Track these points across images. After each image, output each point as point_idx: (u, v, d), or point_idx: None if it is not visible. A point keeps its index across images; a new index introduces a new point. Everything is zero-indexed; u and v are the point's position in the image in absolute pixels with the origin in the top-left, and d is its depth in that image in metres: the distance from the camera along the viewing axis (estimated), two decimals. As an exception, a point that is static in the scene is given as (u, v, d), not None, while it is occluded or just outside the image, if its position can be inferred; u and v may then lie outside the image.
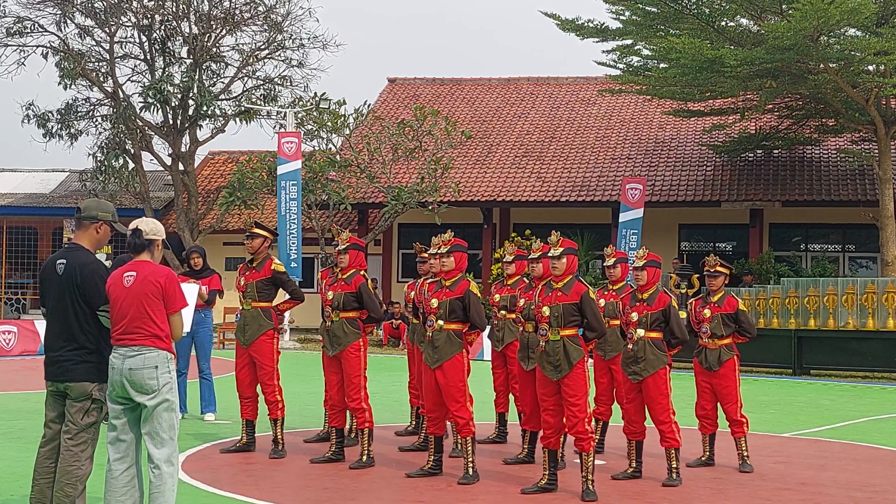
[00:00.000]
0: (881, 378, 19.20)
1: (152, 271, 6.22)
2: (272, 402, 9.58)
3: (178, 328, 6.30)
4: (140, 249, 6.29)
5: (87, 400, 6.26)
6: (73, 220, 6.54)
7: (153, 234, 6.34)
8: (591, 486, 7.94)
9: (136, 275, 6.18)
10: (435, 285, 8.71)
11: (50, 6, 28.43)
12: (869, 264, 27.80)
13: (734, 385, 9.42)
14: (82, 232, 6.47)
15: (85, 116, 29.55)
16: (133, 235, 6.28)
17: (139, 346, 6.12)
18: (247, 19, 29.51)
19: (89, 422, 6.26)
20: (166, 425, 6.17)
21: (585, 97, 32.38)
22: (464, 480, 8.39)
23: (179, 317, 6.29)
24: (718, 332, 9.40)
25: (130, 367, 6.10)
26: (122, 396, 6.17)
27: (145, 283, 6.15)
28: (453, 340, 8.48)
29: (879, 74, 22.70)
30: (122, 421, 6.21)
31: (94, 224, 6.43)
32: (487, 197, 27.90)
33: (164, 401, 6.15)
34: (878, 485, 8.88)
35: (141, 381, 6.10)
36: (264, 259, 9.69)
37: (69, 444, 6.21)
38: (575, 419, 7.95)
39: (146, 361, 6.11)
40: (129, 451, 6.21)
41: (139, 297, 6.13)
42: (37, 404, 12.98)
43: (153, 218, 6.82)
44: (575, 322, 8.03)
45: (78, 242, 6.46)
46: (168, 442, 6.17)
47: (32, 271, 32.47)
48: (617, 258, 9.57)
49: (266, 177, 26.68)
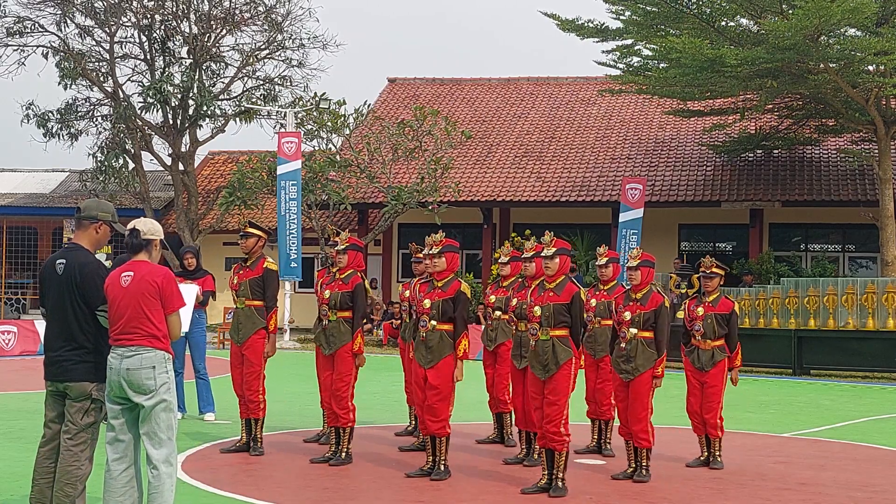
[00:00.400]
0: (881, 378, 19.19)
1: (149, 271, 6.20)
2: (254, 402, 9.59)
3: (176, 328, 6.28)
4: (138, 249, 6.27)
5: (87, 400, 6.26)
6: (73, 220, 6.58)
7: (151, 234, 6.31)
8: (560, 484, 8.01)
9: (134, 275, 6.16)
10: (427, 286, 8.73)
11: (50, 6, 28.44)
12: (869, 264, 27.80)
13: (720, 387, 9.43)
14: (82, 232, 6.46)
15: (85, 116, 29.56)
16: (131, 235, 6.27)
17: (136, 347, 6.10)
18: (247, 19, 29.51)
19: (89, 422, 6.26)
20: (164, 425, 6.15)
21: (585, 97, 32.37)
22: (436, 476, 8.50)
23: (177, 317, 6.27)
24: (711, 332, 9.41)
25: (128, 367, 6.08)
26: (119, 397, 6.16)
27: (142, 283, 6.13)
28: (446, 341, 8.50)
29: (879, 74, 22.68)
30: (120, 421, 6.19)
31: (94, 224, 6.43)
32: (487, 197, 27.91)
33: (162, 401, 6.13)
34: (878, 485, 8.88)
35: (138, 382, 6.08)
36: (258, 258, 9.69)
37: (69, 445, 6.20)
38: (550, 419, 7.99)
39: (143, 361, 6.09)
40: (128, 451, 6.20)
41: (136, 297, 6.11)
42: (37, 404, 12.97)
43: (153, 218, 6.82)
44: (566, 322, 8.07)
45: (78, 242, 6.46)
46: (166, 442, 6.16)
47: (32, 271, 32.47)
48: (609, 258, 9.63)
49: (266, 177, 26.68)
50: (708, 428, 9.44)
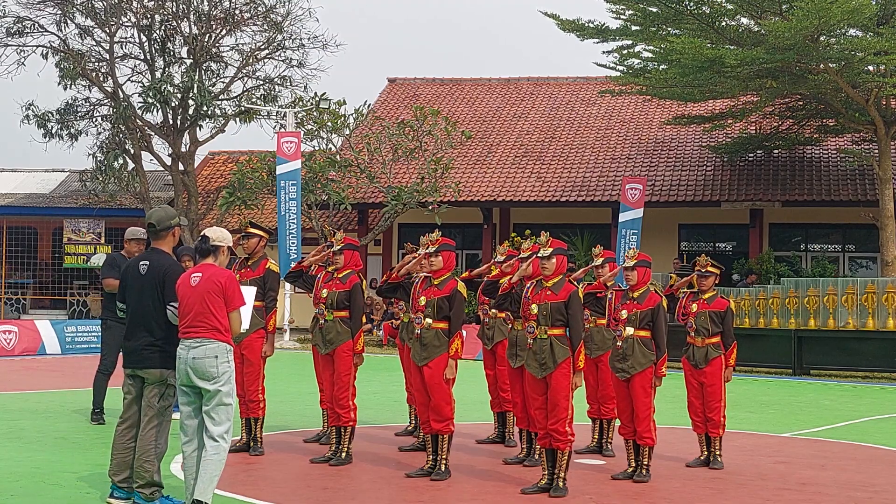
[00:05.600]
0: (881, 378, 19.20)
1: (215, 272, 7.05)
2: (254, 402, 9.59)
3: (237, 324, 7.09)
4: (206, 254, 7.16)
5: (163, 385, 7.17)
6: (148, 233, 7.43)
7: (219, 241, 7.18)
8: (561, 483, 8.02)
9: (202, 276, 7.02)
10: (424, 284, 8.74)
11: (50, 6, 28.42)
12: (869, 264, 27.79)
13: (719, 385, 9.44)
14: (161, 240, 7.36)
15: (85, 116, 29.52)
16: (201, 241, 7.18)
17: (202, 339, 6.94)
18: (247, 19, 29.48)
19: (164, 405, 7.18)
20: (223, 408, 6.96)
21: (585, 97, 32.38)
22: (436, 476, 8.50)
23: (238, 314, 7.08)
24: (704, 329, 9.43)
25: (194, 356, 6.92)
26: (186, 385, 6.98)
27: (209, 283, 6.98)
28: (441, 339, 8.52)
29: (880, 74, 22.68)
30: (188, 407, 7.02)
31: (170, 231, 7.37)
32: (487, 197, 27.91)
33: (223, 387, 6.94)
34: (878, 485, 8.88)
35: (203, 369, 6.91)
36: (260, 258, 9.69)
37: (148, 427, 7.10)
38: (554, 418, 7.99)
39: (207, 352, 6.92)
40: (196, 433, 7.02)
41: (203, 294, 6.95)
42: (37, 404, 13.02)
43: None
44: (562, 321, 8.09)
45: (158, 247, 7.36)
46: (224, 421, 6.96)
47: (32, 271, 32.47)
48: (605, 258, 9.66)
49: (266, 177, 26.68)
50: (709, 427, 9.44)
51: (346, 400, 9.11)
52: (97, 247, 30.90)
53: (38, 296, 32.38)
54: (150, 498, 7.10)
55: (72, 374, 17.52)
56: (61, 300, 31.68)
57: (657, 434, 8.87)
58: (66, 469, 8.66)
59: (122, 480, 7.23)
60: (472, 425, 11.38)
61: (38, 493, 7.72)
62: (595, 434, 10.08)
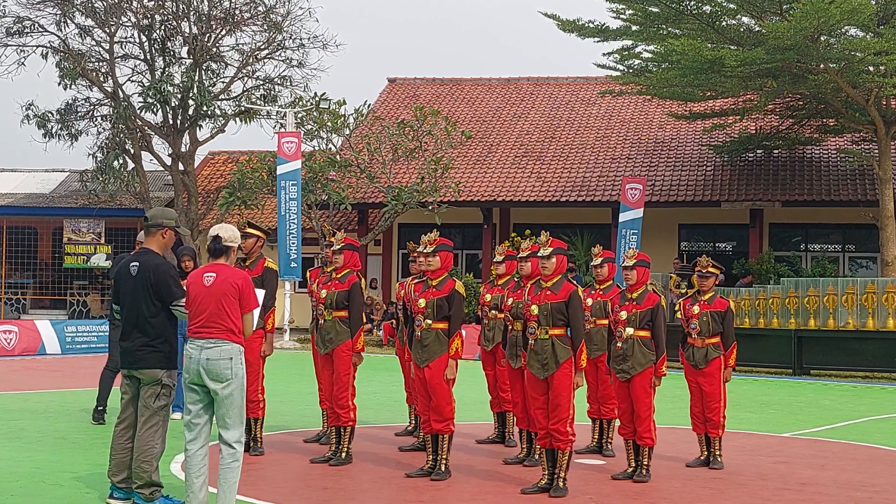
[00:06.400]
0: (881, 378, 19.20)
1: (231, 273, 6.99)
2: (253, 402, 9.58)
3: (249, 326, 7.06)
4: (218, 254, 7.05)
5: (158, 385, 7.15)
6: (142, 227, 7.42)
7: (230, 241, 7.10)
8: (561, 483, 8.02)
9: (217, 276, 6.93)
10: (422, 285, 8.73)
11: (50, 6, 28.42)
12: (869, 264, 27.79)
13: (718, 386, 9.45)
14: (151, 238, 7.34)
15: (85, 116, 29.54)
16: (213, 241, 7.05)
17: (216, 339, 6.86)
18: (247, 19, 29.49)
19: (160, 405, 7.17)
20: (236, 411, 6.89)
21: (585, 97, 32.37)
22: (436, 476, 8.50)
23: (251, 315, 7.07)
24: (706, 329, 9.44)
25: (208, 357, 6.83)
26: (195, 384, 6.89)
27: (225, 284, 6.90)
28: (442, 339, 8.52)
29: (880, 74, 22.67)
30: (196, 406, 6.95)
31: (161, 230, 7.32)
32: (487, 197, 27.91)
33: (234, 390, 6.86)
34: (878, 485, 8.88)
35: (217, 370, 6.82)
36: (258, 258, 9.68)
37: (145, 427, 7.10)
38: (556, 418, 7.99)
39: (222, 353, 6.84)
40: (202, 433, 6.97)
41: (218, 295, 6.87)
42: (37, 404, 13.01)
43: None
44: (563, 321, 8.08)
45: (148, 247, 7.32)
46: (237, 425, 6.90)
47: (32, 271, 32.47)
48: (604, 258, 9.66)
49: (266, 177, 26.68)
50: (709, 427, 9.45)
51: (345, 400, 9.11)
52: (97, 247, 30.91)
53: (38, 296, 32.38)
54: (149, 498, 7.11)
55: (72, 374, 17.52)
56: (61, 300, 31.68)
57: (657, 434, 8.87)
58: (66, 469, 8.66)
59: (121, 481, 7.24)
60: (472, 425, 11.38)
61: (38, 493, 7.72)
62: (595, 434, 10.08)
